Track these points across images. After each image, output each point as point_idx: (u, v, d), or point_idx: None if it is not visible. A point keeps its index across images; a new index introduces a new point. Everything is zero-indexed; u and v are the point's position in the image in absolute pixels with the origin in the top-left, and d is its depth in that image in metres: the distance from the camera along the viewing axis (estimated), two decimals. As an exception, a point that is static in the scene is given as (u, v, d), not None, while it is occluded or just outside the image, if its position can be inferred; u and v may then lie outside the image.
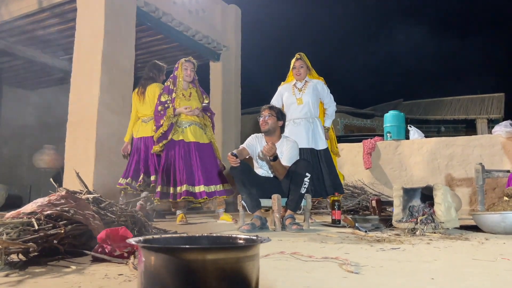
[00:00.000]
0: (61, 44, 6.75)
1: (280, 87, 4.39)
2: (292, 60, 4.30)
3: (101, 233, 1.76)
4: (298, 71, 4.25)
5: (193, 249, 0.77)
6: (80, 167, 4.77)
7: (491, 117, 13.26)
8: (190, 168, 3.96)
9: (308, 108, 4.16)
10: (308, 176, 3.27)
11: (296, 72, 4.26)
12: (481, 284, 1.29)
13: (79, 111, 4.95)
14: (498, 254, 1.92)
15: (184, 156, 3.98)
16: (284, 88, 4.33)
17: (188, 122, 4.09)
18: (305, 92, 4.21)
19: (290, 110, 4.18)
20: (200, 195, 3.88)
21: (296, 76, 4.27)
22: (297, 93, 4.21)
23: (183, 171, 3.92)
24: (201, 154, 4.03)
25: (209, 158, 4.08)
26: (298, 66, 4.26)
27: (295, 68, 4.26)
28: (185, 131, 4.06)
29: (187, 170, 3.93)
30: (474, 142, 5.54)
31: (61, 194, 2.08)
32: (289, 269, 1.54)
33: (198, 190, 3.89)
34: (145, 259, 0.81)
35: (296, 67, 4.26)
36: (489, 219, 2.84)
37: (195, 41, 6.73)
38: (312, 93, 4.20)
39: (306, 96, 4.18)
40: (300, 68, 4.25)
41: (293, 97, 4.19)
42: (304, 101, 4.16)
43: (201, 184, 3.90)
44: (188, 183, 3.88)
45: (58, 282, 1.29)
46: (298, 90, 4.24)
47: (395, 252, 2.01)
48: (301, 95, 4.20)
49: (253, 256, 0.83)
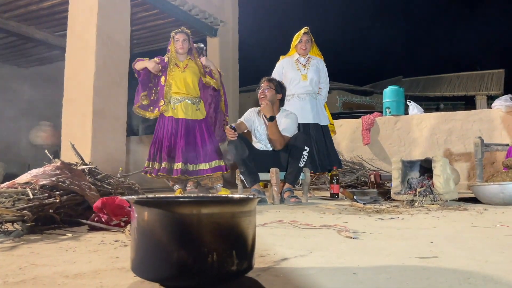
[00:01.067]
0: (55, 19, 6.62)
1: (281, 61, 4.31)
2: (299, 33, 4.21)
3: (97, 202, 1.75)
4: (304, 46, 4.20)
5: (187, 203, 0.75)
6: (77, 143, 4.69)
7: (490, 94, 13.18)
8: (174, 145, 3.96)
9: (312, 84, 4.19)
10: (306, 150, 3.25)
11: (302, 47, 4.20)
12: (481, 247, 1.28)
13: (74, 87, 4.89)
14: (497, 222, 1.91)
15: (170, 133, 3.97)
16: (286, 62, 4.26)
17: (180, 99, 4.04)
18: (309, 68, 4.21)
19: (293, 85, 4.16)
20: (176, 172, 3.88)
21: (301, 51, 4.21)
22: (302, 68, 4.19)
23: (166, 148, 3.93)
24: (187, 131, 4.00)
25: (201, 134, 4.05)
26: (305, 40, 4.20)
27: (301, 42, 4.19)
28: (176, 107, 4.02)
29: (170, 147, 3.94)
30: (474, 117, 5.50)
31: (56, 165, 2.05)
32: (287, 235, 1.53)
33: (176, 167, 3.90)
34: (137, 215, 0.78)
35: (303, 41, 4.19)
36: (488, 190, 2.83)
37: (192, 16, 6.60)
38: (315, 70, 4.23)
39: (311, 72, 4.20)
40: (306, 42, 4.21)
41: (297, 73, 4.15)
42: (309, 77, 4.18)
43: (179, 162, 3.89)
44: (168, 161, 3.89)
45: (52, 247, 1.28)
46: (302, 66, 4.21)
47: (394, 221, 2.00)
48: (306, 71, 4.19)
49: (249, 212, 0.80)
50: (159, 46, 7.91)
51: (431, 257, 1.10)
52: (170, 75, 4.06)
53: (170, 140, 3.96)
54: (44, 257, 1.12)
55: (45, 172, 1.98)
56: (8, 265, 1.02)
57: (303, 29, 4.23)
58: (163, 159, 3.93)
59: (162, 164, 3.91)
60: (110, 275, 0.91)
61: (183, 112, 4.02)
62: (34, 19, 6.65)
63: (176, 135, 3.98)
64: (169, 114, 4.03)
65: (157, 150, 4.00)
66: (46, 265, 1.02)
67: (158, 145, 4.01)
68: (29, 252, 1.19)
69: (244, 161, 3.24)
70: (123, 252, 1.17)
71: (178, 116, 4.01)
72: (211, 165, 4.00)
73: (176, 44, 4.08)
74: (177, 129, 4.00)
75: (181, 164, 3.89)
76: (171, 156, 3.93)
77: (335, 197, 3.69)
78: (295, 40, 4.24)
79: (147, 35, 7.41)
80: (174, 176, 3.91)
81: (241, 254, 0.78)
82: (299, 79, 4.15)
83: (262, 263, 1.02)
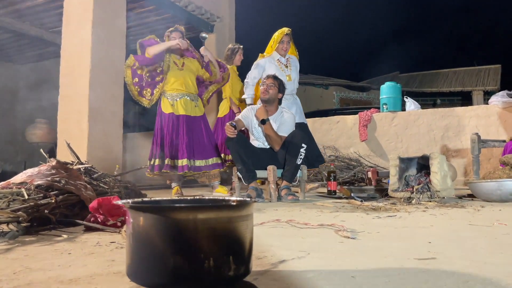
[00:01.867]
0: (50, 16, 6.56)
1: (260, 60, 4.22)
2: (279, 33, 4.16)
3: (93, 203, 1.73)
4: (285, 47, 4.17)
5: (183, 208, 0.73)
6: (73, 140, 4.69)
7: (487, 89, 13.19)
8: (176, 141, 3.92)
9: (294, 85, 4.23)
10: (304, 147, 3.24)
11: (283, 47, 4.17)
12: (479, 247, 1.27)
13: (70, 84, 4.86)
14: (494, 220, 1.91)
15: (171, 130, 3.93)
16: (267, 61, 4.18)
17: (179, 95, 4.01)
18: (291, 69, 4.23)
19: None
20: (182, 169, 3.83)
21: (282, 51, 4.18)
22: (285, 69, 4.18)
23: (168, 144, 3.88)
24: (189, 127, 3.97)
25: (200, 131, 4.02)
26: (287, 41, 4.17)
27: (282, 43, 4.15)
28: (175, 104, 3.99)
29: (172, 144, 3.90)
30: (470, 113, 5.50)
31: (51, 164, 2.03)
32: (285, 235, 1.52)
33: (181, 163, 3.84)
34: (133, 220, 0.77)
35: (285, 42, 4.16)
36: (485, 187, 2.83)
37: (188, 12, 6.55)
38: (295, 70, 4.28)
39: (293, 73, 4.25)
40: (287, 43, 4.18)
41: (282, 73, 4.10)
42: (292, 77, 4.20)
43: (184, 158, 3.85)
44: (171, 157, 3.85)
45: (48, 249, 1.26)
46: (284, 66, 4.20)
47: (392, 219, 2.00)
48: (289, 71, 4.20)
49: (246, 216, 0.79)
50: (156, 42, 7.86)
51: (429, 258, 1.10)
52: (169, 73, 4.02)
53: (172, 136, 3.92)
54: (39, 260, 1.10)
55: (40, 171, 1.96)
56: (3, 270, 1.01)
57: (285, 29, 4.17)
58: (166, 156, 3.89)
59: (165, 161, 3.86)
60: (105, 280, 0.90)
61: (183, 108, 3.99)
62: (29, 15, 6.59)
63: (178, 132, 3.95)
64: (169, 110, 3.98)
65: (160, 147, 3.96)
66: (41, 269, 1.01)
67: (160, 142, 3.97)
68: (24, 255, 1.17)
69: (241, 158, 3.23)
70: (119, 254, 1.16)
71: (179, 113, 3.98)
72: (209, 162, 3.99)
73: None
74: (178, 126, 3.96)
75: (187, 161, 3.86)
76: (174, 153, 3.90)
77: (333, 194, 3.68)
78: (275, 41, 4.16)
79: (143, 31, 7.34)
80: (179, 172, 3.88)
81: (238, 259, 0.77)
82: (285, 80, 4.07)
83: (259, 266, 1.01)
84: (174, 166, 3.86)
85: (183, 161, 3.85)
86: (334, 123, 6.38)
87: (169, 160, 3.84)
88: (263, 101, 3.45)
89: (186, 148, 3.87)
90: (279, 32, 4.16)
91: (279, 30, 4.19)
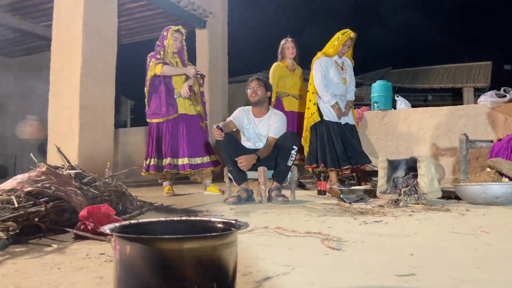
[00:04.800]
0: (41, 10, 6.49)
1: (322, 58, 4.16)
2: (344, 35, 4.13)
3: (82, 211, 1.75)
4: (346, 50, 4.20)
5: (169, 239, 0.76)
6: (64, 138, 4.71)
7: (477, 86, 13.31)
8: (176, 140, 3.94)
9: (349, 87, 4.33)
10: (295, 149, 3.27)
11: (344, 51, 4.19)
12: (459, 260, 1.32)
13: (61, 81, 4.83)
14: (477, 227, 1.96)
15: (171, 129, 3.94)
16: (329, 61, 4.17)
17: (177, 94, 4.03)
18: (346, 71, 4.28)
19: (332, 86, 4.15)
20: (183, 168, 3.87)
21: (341, 53, 4.20)
22: (340, 71, 4.22)
23: (168, 143, 3.90)
24: (188, 126, 3.99)
25: (196, 130, 4.05)
26: (348, 45, 4.19)
27: (344, 46, 4.16)
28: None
29: (173, 142, 3.91)
30: (460, 112, 5.57)
31: (41, 170, 2.04)
32: (272, 245, 1.55)
33: (182, 162, 3.89)
34: (120, 248, 0.79)
35: (347, 45, 4.18)
36: (471, 190, 2.89)
37: (180, 7, 6.52)
38: (350, 73, 4.33)
39: (348, 76, 4.30)
40: (348, 47, 4.21)
41: (340, 75, 4.18)
42: (347, 81, 4.28)
43: (185, 157, 3.89)
44: (172, 156, 3.87)
45: (37, 263, 1.28)
46: (340, 68, 4.23)
47: (378, 225, 2.04)
48: (345, 74, 4.25)
49: (230, 243, 0.82)
50: (148, 37, 7.82)
51: (409, 274, 1.14)
52: None
53: (171, 135, 3.94)
54: (28, 277, 1.12)
55: (30, 178, 1.97)
56: (-7, 287, 1.03)
57: (351, 33, 4.14)
58: (165, 156, 3.91)
59: (165, 161, 3.89)
60: (94, 300, 0.92)
61: (182, 106, 4.01)
62: (19, 9, 6.51)
63: (177, 130, 3.97)
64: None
65: (156, 146, 3.97)
66: None
67: (156, 142, 3.98)
68: (14, 270, 1.19)
69: (232, 159, 3.25)
70: (108, 269, 1.19)
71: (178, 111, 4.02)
72: (205, 160, 4.02)
73: (174, 42, 4.05)
74: (177, 124, 3.99)
75: (188, 159, 3.90)
76: (174, 152, 3.92)
77: (322, 194, 3.73)
78: (339, 42, 4.12)
79: (135, 26, 7.31)
80: (181, 171, 3.92)
81: (222, 285, 0.80)
82: (341, 82, 4.18)
83: (244, 284, 1.05)
84: (175, 165, 3.90)
85: (184, 160, 3.90)
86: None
87: (170, 159, 3.87)
88: (254, 103, 3.47)
89: (186, 147, 3.91)
90: (344, 35, 4.13)
91: (344, 31, 4.17)
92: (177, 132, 3.96)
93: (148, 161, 3.95)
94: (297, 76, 4.97)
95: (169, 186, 4.07)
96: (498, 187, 2.77)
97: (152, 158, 3.94)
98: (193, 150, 3.96)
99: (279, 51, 4.95)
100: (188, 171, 3.90)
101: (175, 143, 3.92)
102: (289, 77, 4.87)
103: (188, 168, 3.87)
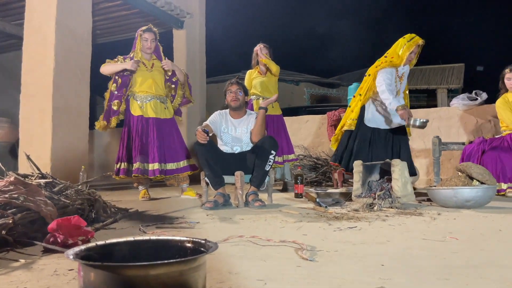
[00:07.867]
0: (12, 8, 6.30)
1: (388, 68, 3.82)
2: (412, 42, 3.77)
3: (52, 224, 1.70)
4: (412, 57, 3.85)
5: (134, 266, 0.75)
6: (36, 140, 4.59)
7: (451, 87, 13.66)
8: (146, 145, 3.86)
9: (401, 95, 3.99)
10: (273, 154, 3.28)
11: (410, 58, 3.83)
12: (428, 270, 1.34)
13: (33, 82, 4.70)
14: (447, 233, 2.01)
15: (140, 133, 3.87)
16: (394, 73, 3.85)
17: (149, 97, 3.96)
18: (402, 82, 3.98)
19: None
20: (153, 173, 3.80)
21: (407, 62, 3.85)
22: (398, 82, 3.91)
23: (138, 148, 3.82)
24: (160, 130, 3.93)
25: (170, 134, 3.99)
26: (415, 52, 3.83)
27: (411, 54, 3.80)
28: (144, 106, 3.94)
29: (142, 147, 3.84)
30: (433, 114, 5.70)
31: (9, 180, 1.98)
32: (245, 257, 1.55)
33: (152, 168, 3.81)
34: (84, 274, 0.78)
35: (414, 53, 3.82)
36: (442, 194, 2.96)
37: (157, 7, 6.44)
38: (405, 81, 4.04)
39: (403, 86, 4.02)
40: (415, 54, 3.85)
41: (395, 88, 3.87)
42: (400, 91, 3.98)
43: (155, 162, 3.81)
44: (141, 161, 3.80)
45: (3, 281, 1.24)
46: (399, 78, 3.92)
47: (351, 232, 2.07)
48: (400, 85, 3.96)
49: (198, 266, 0.81)
50: (124, 37, 7.71)
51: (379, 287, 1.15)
52: (138, 73, 3.95)
53: (141, 140, 3.86)
54: (-8, 298, 1.09)
55: (-3, 188, 1.91)
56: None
57: (419, 40, 3.78)
58: (135, 160, 3.83)
59: (135, 165, 3.80)
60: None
61: (153, 111, 3.94)
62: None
63: (147, 135, 3.89)
64: (138, 113, 3.92)
65: (128, 150, 3.90)
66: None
67: (126, 145, 3.91)
68: (-23, 290, 1.16)
69: (209, 164, 3.23)
70: None
71: (148, 115, 3.93)
72: (180, 165, 3.97)
73: (144, 43, 3.97)
74: (147, 129, 3.90)
75: (158, 165, 3.82)
76: (144, 156, 3.84)
77: (299, 197, 3.76)
78: (406, 49, 3.78)
79: (111, 26, 7.19)
80: (150, 176, 3.84)
81: (190, 309, 0.79)
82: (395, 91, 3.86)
83: (215, 302, 1.04)
84: (144, 170, 3.82)
85: (154, 165, 3.82)
86: (304, 122, 6.47)
87: (139, 164, 3.79)
88: (235, 108, 3.47)
89: (157, 152, 3.84)
90: (412, 41, 3.78)
91: (411, 37, 3.82)
92: (147, 137, 3.89)
93: (119, 165, 3.89)
94: (270, 79, 4.99)
95: (145, 190, 4.02)
96: (468, 191, 2.85)
97: (122, 162, 3.88)
98: (165, 156, 3.89)
99: (253, 56, 4.99)
100: (158, 177, 3.84)
101: (145, 147, 3.85)
102: (261, 80, 4.92)
103: (158, 174, 3.79)
